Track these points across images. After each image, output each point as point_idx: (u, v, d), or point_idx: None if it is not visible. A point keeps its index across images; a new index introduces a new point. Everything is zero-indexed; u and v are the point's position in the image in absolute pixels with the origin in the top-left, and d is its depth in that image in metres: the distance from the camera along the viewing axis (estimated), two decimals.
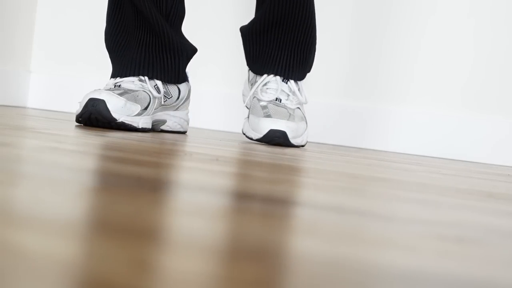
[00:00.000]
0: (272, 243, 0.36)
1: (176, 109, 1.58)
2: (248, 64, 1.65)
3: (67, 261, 0.27)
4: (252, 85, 1.63)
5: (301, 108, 1.58)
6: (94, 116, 1.32)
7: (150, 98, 1.45)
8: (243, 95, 1.70)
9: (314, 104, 1.97)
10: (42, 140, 0.91)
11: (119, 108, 1.35)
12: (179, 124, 1.60)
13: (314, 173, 0.90)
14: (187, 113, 1.62)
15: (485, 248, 0.43)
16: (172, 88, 1.55)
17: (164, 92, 1.51)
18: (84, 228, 0.34)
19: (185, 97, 1.59)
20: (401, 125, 1.94)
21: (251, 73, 1.65)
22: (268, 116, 1.52)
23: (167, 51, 1.51)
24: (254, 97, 1.59)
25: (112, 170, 0.63)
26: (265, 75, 1.59)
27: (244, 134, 1.60)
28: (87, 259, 0.27)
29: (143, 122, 1.41)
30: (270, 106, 1.55)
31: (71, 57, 2.32)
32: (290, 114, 1.54)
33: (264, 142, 1.50)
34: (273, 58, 1.59)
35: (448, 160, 1.80)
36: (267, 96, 1.57)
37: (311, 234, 0.40)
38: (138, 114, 1.40)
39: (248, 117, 1.59)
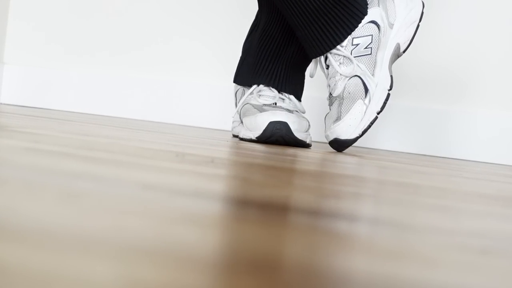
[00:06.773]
0: (273, 255, 0.35)
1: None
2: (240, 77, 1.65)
3: (45, 274, 0.27)
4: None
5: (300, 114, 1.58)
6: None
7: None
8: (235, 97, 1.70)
9: (319, 100, 1.97)
10: (16, 140, 0.91)
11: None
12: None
13: (320, 176, 0.90)
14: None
15: None
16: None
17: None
18: (66, 238, 0.34)
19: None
20: (412, 124, 1.94)
21: (240, 90, 1.66)
22: (266, 111, 1.52)
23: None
24: (247, 103, 1.58)
25: (95, 174, 0.63)
26: (261, 85, 1.59)
27: (238, 137, 1.59)
28: (68, 273, 0.27)
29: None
30: (267, 107, 1.54)
31: (48, 47, 2.32)
32: (290, 111, 1.54)
33: (265, 139, 1.48)
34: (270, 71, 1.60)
35: (469, 161, 1.80)
36: (263, 99, 1.57)
37: (316, 245, 0.40)
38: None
39: (242, 122, 1.58)
